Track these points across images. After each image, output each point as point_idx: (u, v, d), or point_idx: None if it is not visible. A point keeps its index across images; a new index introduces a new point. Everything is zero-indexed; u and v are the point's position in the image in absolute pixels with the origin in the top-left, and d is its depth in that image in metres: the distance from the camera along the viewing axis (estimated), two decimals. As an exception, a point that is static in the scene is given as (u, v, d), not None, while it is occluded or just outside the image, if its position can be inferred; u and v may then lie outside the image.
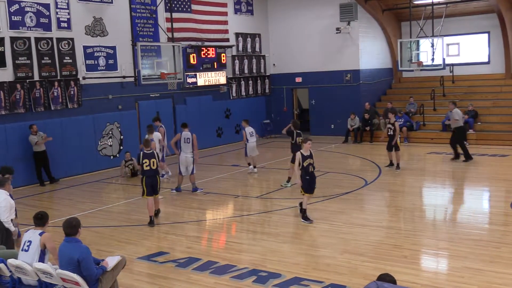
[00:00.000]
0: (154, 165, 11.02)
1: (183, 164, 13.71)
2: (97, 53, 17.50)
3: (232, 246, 9.67)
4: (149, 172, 11.00)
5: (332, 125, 23.37)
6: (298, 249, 9.22)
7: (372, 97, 23.50)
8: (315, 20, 23.33)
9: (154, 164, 11.02)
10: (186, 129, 13.77)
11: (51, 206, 12.95)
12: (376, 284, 4.74)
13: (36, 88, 15.82)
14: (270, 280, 7.78)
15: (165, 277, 8.19)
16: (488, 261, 8.21)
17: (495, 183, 13.99)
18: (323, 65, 23.40)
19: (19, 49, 15.42)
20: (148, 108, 19.05)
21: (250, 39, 23.72)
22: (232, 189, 14.14)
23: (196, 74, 20.66)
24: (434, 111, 21.73)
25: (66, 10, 16.55)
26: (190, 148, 13.61)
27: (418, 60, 20.68)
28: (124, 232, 10.92)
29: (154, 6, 18.88)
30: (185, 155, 13.63)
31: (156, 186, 11.14)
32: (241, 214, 11.77)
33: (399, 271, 7.68)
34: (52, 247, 6.87)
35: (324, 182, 14.51)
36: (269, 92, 24.97)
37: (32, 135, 15.20)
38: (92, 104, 17.38)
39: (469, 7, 22.13)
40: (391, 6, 23.05)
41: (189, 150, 13.62)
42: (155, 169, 11.06)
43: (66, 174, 16.52)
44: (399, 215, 11.30)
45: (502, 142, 19.17)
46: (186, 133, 13.70)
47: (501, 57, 22.03)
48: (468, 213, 11.39)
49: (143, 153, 11.12)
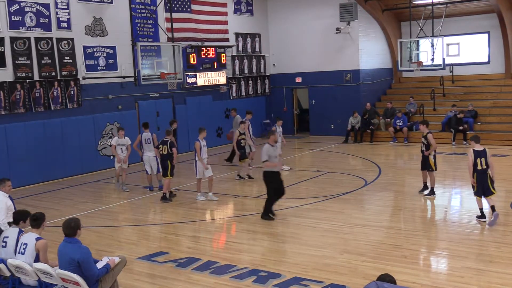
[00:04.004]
0: (165, 151, 12.95)
1: (147, 163, 14.24)
2: (97, 53, 17.51)
3: (232, 246, 9.67)
4: (162, 156, 13.13)
5: (332, 125, 23.37)
6: (298, 249, 9.22)
7: (372, 97, 23.50)
8: (315, 20, 23.33)
9: (165, 150, 12.95)
10: (147, 129, 14.34)
11: (51, 206, 12.94)
12: (376, 284, 4.74)
13: (36, 88, 15.82)
14: (270, 280, 7.78)
15: (165, 277, 8.18)
16: (488, 261, 8.22)
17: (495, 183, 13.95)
18: (323, 65, 23.40)
19: (19, 49, 15.42)
20: (148, 108, 19.06)
21: (250, 39, 23.72)
22: (232, 189, 14.13)
23: (196, 74, 20.67)
24: (434, 111, 21.73)
25: (66, 10, 16.55)
26: (151, 148, 14.12)
27: (418, 60, 20.68)
28: (124, 232, 10.93)
29: (154, 6, 18.88)
30: (147, 155, 14.20)
31: (165, 169, 12.98)
32: (241, 214, 11.77)
33: (399, 271, 7.69)
34: (44, 258, 6.83)
35: (324, 182, 14.53)
36: (269, 92, 24.98)
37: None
38: (92, 104, 17.38)
39: (469, 7, 22.13)
40: (391, 6, 23.06)
41: (150, 149, 14.14)
42: (165, 154, 12.95)
43: (66, 174, 16.52)
44: (399, 215, 11.30)
45: (502, 142, 19.17)
46: (146, 133, 14.30)
47: (501, 57, 22.03)
48: (468, 213, 11.38)
49: (162, 140, 13.19)
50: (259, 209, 12.18)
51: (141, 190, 14.36)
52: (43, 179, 15.90)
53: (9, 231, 7.36)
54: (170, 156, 12.95)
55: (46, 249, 6.90)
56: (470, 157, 10.37)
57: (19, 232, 7.20)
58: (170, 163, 12.94)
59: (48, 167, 16.04)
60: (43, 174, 15.91)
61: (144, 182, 15.04)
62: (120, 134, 14.29)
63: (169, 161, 12.93)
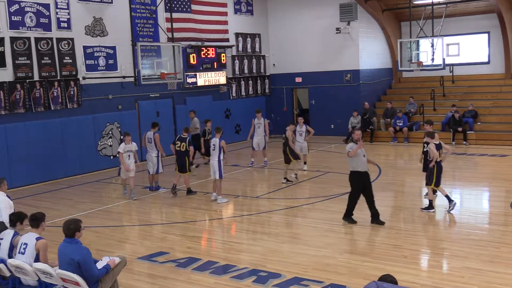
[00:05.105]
0: (183, 148, 13.26)
1: (149, 162, 14.27)
2: (97, 53, 17.51)
3: (232, 246, 9.66)
4: (178, 153, 13.40)
5: (332, 125, 23.37)
6: (298, 249, 9.22)
7: (372, 97, 23.50)
8: (315, 20, 23.33)
9: (183, 147, 13.26)
10: (152, 129, 14.33)
11: (51, 206, 12.94)
12: (376, 284, 4.73)
13: (36, 88, 15.82)
14: (270, 280, 7.78)
15: (165, 277, 8.18)
16: (488, 261, 8.22)
17: (495, 183, 14.00)
18: (323, 65, 23.40)
19: (19, 49, 15.41)
20: (148, 108, 19.06)
21: (250, 39, 23.72)
22: (232, 189, 14.13)
23: (196, 74, 20.67)
24: (434, 111, 21.73)
25: (66, 10, 16.55)
26: (152, 147, 14.14)
27: (418, 60, 20.68)
28: (124, 232, 10.93)
29: (154, 6, 18.88)
30: (150, 155, 14.20)
31: (183, 165, 13.32)
32: (241, 214, 11.77)
33: (399, 271, 7.68)
34: (44, 258, 6.84)
35: (324, 182, 14.53)
36: (269, 92, 24.98)
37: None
38: (92, 104, 17.38)
39: (469, 7, 22.13)
40: (391, 6, 23.06)
41: (152, 149, 14.16)
42: (183, 151, 13.28)
43: (66, 174, 16.52)
44: (399, 215, 11.29)
45: (502, 142, 19.18)
46: (150, 132, 14.33)
47: (501, 57, 22.03)
48: (468, 213, 11.38)
49: (179, 136, 13.59)
50: (259, 209, 12.20)
51: (141, 190, 14.36)
52: (43, 179, 15.89)
53: (4, 233, 7.35)
54: (187, 153, 13.35)
55: (46, 249, 6.90)
56: (434, 150, 10.95)
57: (14, 235, 7.21)
58: (188, 160, 13.37)
59: (48, 167, 16.03)
60: (43, 174, 15.90)
61: (144, 182, 15.03)
62: (127, 140, 13.44)
63: (186, 158, 13.34)
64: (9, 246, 7.14)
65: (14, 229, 7.32)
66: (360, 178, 10.42)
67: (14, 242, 7.13)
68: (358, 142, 10.41)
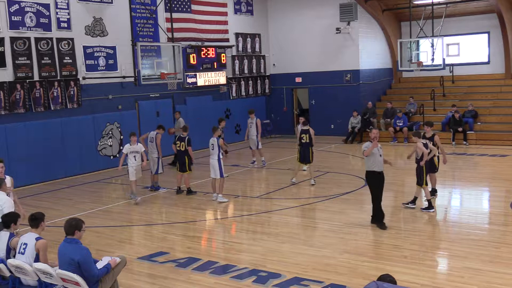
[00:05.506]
0: (183, 147, 13.38)
1: (151, 162, 14.30)
2: (97, 53, 17.51)
3: (232, 246, 9.66)
4: (179, 152, 13.54)
5: (332, 125, 23.37)
6: (298, 249, 9.22)
7: (372, 97, 23.49)
8: (315, 20, 23.33)
9: (183, 147, 13.38)
10: (157, 130, 14.38)
11: (51, 206, 12.94)
12: (376, 284, 4.74)
13: (36, 88, 15.82)
14: (270, 280, 7.78)
15: (165, 277, 8.18)
16: (488, 261, 8.21)
17: (495, 183, 13.99)
18: (323, 65, 23.40)
19: (19, 49, 15.42)
20: (148, 108, 19.06)
21: (250, 39, 23.72)
22: (232, 189, 14.13)
23: (196, 74, 20.67)
24: (434, 111, 21.73)
25: (66, 10, 16.55)
26: (152, 147, 14.24)
27: (418, 60, 20.68)
28: (124, 232, 10.93)
29: (154, 6, 18.88)
30: (150, 155, 14.26)
31: (183, 165, 13.45)
32: (241, 214, 11.78)
33: (399, 271, 7.68)
34: (44, 258, 6.82)
35: (324, 182, 14.52)
36: (269, 92, 24.98)
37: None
38: (92, 104, 17.38)
39: (469, 7, 22.14)
40: (391, 6, 23.06)
41: (152, 148, 14.24)
42: (183, 151, 13.40)
43: (66, 174, 16.52)
44: (399, 215, 11.29)
45: (502, 142, 19.18)
46: (153, 132, 14.43)
47: (501, 57, 22.04)
48: (468, 213, 11.39)
49: (179, 136, 13.68)
50: (259, 209, 12.20)
51: (141, 190, 14.35)
52: (43, 179, 15.89)
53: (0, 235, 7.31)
54: (187, 152, 13.41)
55: (46, 249, 6.89)
56: (422, 147, 11.03)
57: (10, 236, 7.17)
58: (188, 159, 13.43)
59: (48, 167, 16.03)
60: (43, 174, 15.90)
61: (144, 182, 15.01)
62: (132, 141, 12.92)
63: (186, 157, 13.40)
64: (6, 248, 7.10)
65: (9, 231, 7.28)
66: (375, 178, 10.28)
67: (11, 244, 7.10)
68: (374, 141, 10.24)
